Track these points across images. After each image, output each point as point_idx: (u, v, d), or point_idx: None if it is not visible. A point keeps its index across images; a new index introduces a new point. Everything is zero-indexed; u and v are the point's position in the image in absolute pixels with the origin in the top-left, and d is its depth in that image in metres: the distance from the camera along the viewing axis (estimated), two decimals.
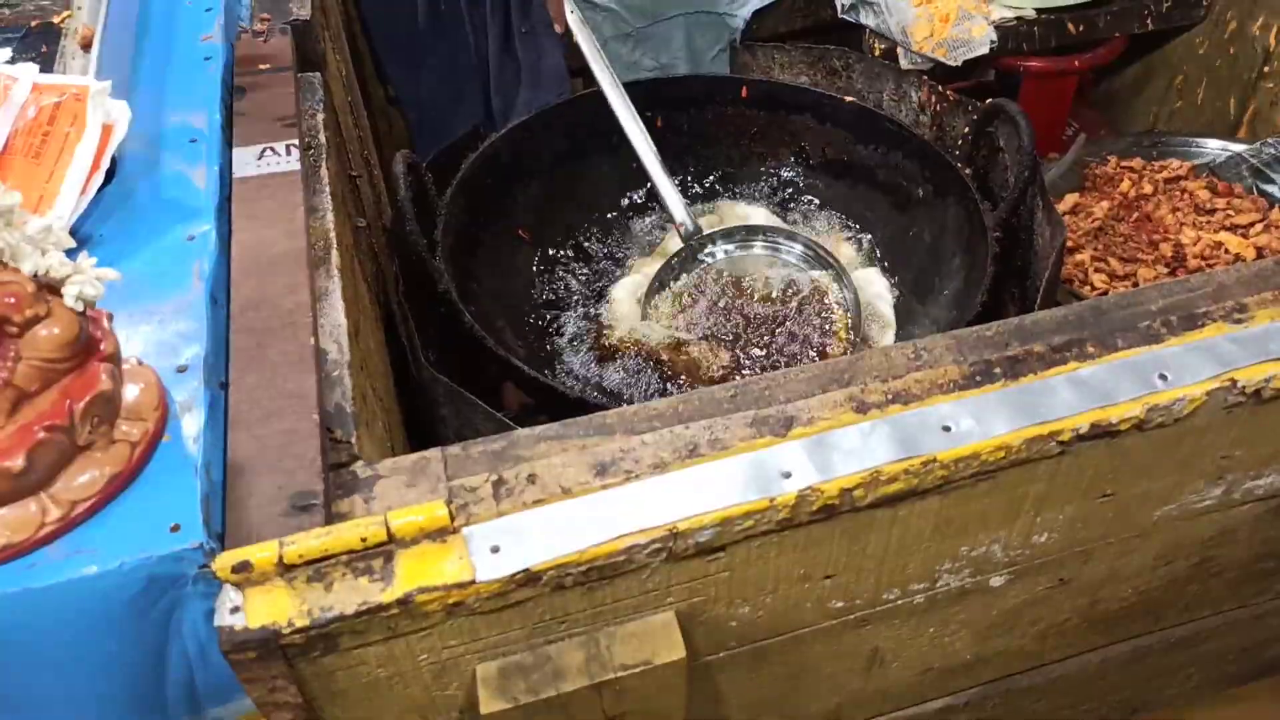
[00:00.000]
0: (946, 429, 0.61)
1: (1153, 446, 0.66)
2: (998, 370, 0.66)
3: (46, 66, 0.88)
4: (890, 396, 0.65)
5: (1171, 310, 0.70)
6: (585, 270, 1.30)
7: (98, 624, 0.54)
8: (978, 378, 0.66)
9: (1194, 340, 0.66)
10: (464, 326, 1.00)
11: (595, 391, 1.12)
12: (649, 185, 1.24)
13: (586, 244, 1.32)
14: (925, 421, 0.61)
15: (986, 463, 0.61)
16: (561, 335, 1.21)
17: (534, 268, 1.28)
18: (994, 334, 0.70)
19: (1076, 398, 0.62)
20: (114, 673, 0.56)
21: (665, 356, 1.14)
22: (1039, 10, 1.37)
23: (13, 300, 0.51)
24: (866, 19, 1.38)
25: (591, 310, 1.24)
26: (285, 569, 0.53)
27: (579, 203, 1.33)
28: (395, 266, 1.09)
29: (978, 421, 0.61)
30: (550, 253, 1.30)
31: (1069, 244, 1.26)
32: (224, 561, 0.52)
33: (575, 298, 1.26)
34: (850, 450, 0.60)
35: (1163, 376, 0.63)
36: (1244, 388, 0.64)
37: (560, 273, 1.29)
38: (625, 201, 1.36)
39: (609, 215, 1.35)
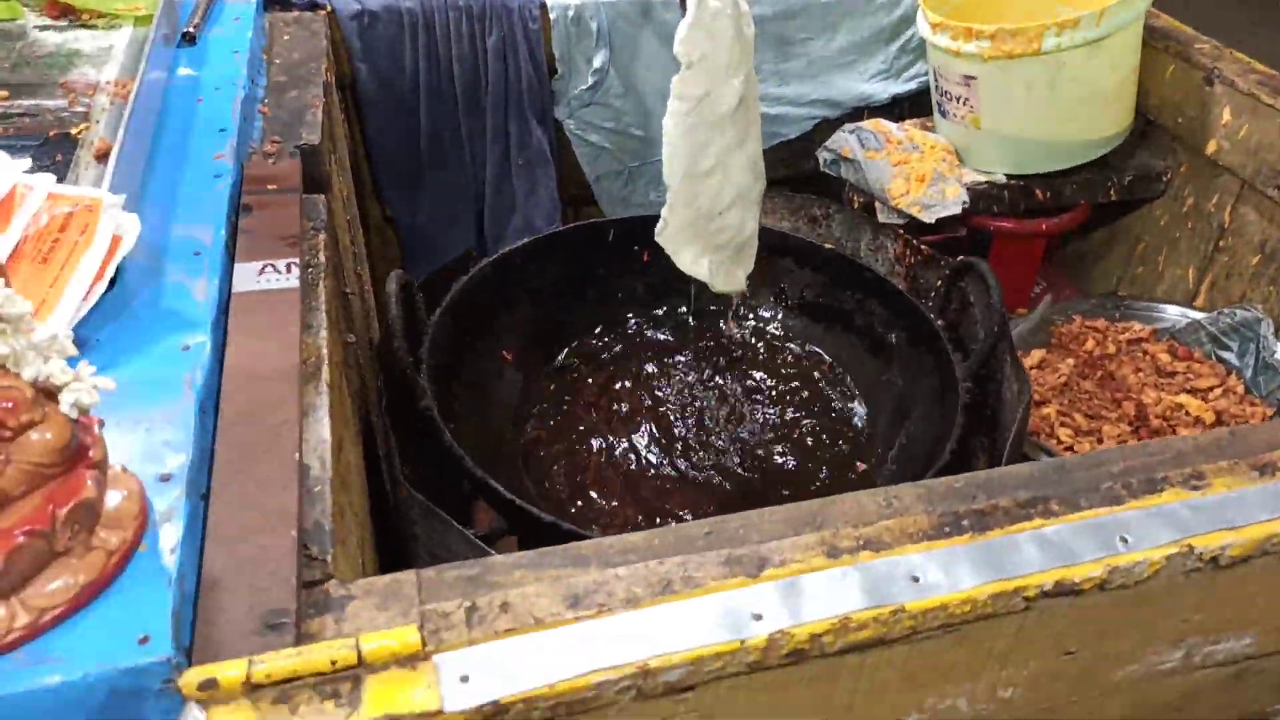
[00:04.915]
0: (915, 579, 0.62)
1: (1115, 607, 0.67)
2: (965, 522, 0.68)
3: (60, 174, 0.91)
4: (861, 543, 0.66)
5: (1132, 473, 0.73)
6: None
7: None
8: (946, 529, 0.68)
9: (1154, 505, 0.68)
10: (443, 444, 1.01)
11: (569, 516, 1.13)
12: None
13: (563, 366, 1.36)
14: (894, 571, 0.62)
15: (954, 615, 0.62)
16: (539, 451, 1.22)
17: (513, 386, 1.30)
18: (962, 485, 0.72)
19: (1041, 555, 0.64)
20: None
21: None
22: (1009, 176, 1.45)
23: (10, 405, 0.52)
24: (846, 174, 1.45)
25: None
26: (252, 688, 0.53)
27: (561, 329, 1.36)
28: (380, 381, 1.11)
29: (945, 573, 0.63)
30: (529, 373, 1.33)
31: (1036, 398, 1.30)
32: (190, 678, 0.52)
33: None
34: (821, 595, 0.61)
35: (1124, 539, 0.65)
36: (1201, 554, 0.66)
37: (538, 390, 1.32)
38: (602, 331, 1.40)
39: (590, 342, 1.39)
